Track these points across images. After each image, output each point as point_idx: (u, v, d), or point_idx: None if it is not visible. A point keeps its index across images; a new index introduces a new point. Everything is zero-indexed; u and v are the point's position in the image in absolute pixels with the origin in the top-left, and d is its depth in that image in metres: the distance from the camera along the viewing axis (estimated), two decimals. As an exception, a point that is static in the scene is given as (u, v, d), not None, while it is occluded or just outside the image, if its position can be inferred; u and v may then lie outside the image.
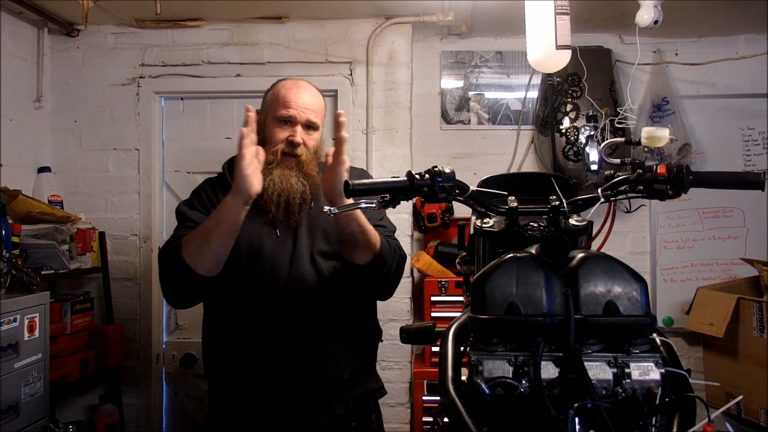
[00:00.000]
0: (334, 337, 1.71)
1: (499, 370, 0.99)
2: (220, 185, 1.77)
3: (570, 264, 1.05)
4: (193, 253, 1.54)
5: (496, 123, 3.31)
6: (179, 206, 1.76)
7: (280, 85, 1.77)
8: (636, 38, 2.65)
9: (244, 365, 1.68)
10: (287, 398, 1.65)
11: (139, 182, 3.12)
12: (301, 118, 1.71)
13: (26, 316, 2.25)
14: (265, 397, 1.65)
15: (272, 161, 1.68)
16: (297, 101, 1.72)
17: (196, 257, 1.54)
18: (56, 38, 3.16)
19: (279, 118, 1.71)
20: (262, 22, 3.10)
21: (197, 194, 1.78)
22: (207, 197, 1.75)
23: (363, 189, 1.21)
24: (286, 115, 1.70)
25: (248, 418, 1.67)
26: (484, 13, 2.98)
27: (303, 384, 1.66)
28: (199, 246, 1.54)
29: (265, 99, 1.80)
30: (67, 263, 2.64)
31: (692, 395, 1.01)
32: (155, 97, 3.15)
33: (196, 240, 1.55)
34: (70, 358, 2.67)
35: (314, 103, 1.75)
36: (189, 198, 1.80)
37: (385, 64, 3.11)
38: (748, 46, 3.23)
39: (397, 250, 1.73)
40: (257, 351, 1.67)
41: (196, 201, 1.75)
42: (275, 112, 1.72)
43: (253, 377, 1.67)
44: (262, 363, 1.66)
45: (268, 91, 1.81)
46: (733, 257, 3.18)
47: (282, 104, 1.71)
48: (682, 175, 1.24)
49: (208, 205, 1.72)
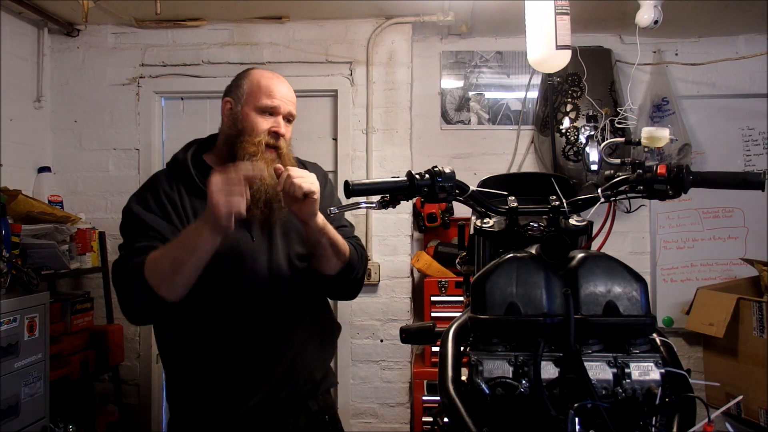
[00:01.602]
0: (313, 341, 1.68)
1: (499, 370, 0.99)
2: (181, 180, 1.61)
3: (570, 264, 1.05)
4: (160, 282, 1.40)
5: (496, 123, 3.31)
6: (132, 205, 1.57)
7: (258, 73, 1.67)
8: (636, 38, 2.65)
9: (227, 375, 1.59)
10: (274, 405, 1.61)
11: (139, 182, 3.12)
12: (284, 110, 1.63)
13: (26, 316, 2.25)
14: (252, 405, 1.59)
15: (255, 152, 1.56)
16: (280, 92, 1.63)
17: (165, 286, 1.40)
18: (56, 38, 3.16)
19: (262, 107, 1.61)
20: (262, 22, 3.10)
21: (154, 192, 1.59)
22: (166, 196, 1.57)
23: (363, 189, 1.21)
24: (270, 105, 1.61)
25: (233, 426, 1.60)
26: (484, 13, 2.98)
27: (290, 390, 1.62)
28: (170, 275, 1.40)
29: (239, 87, 1.66)
30: (67, 263, 2.64)
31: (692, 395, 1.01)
32: (155, 97, 3.15)
33: (165, 268, 1.40)
34: (70, 358, 2.67)
35: (293, 96, 1.68)
36: (142, 195, 1.59)
37: (385, 64, 3.11)
38: (748, 46, 3.23)
39: (362, 252, 1.70)
40: (241, 360, 1.59)
41: (152, 201, 1.57)
42: (257, 101, 1.61)
43: (239, 386, 1.59)
44: (247, 371, 1.59)
45: (240, 79, 1.68)
46: (733, 257, 3.18)
47: (265, 94, 1.62)
48: (682, 175, 1.24)
49: (168, 208, 1.55)
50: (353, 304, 3.03)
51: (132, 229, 1.54)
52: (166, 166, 1.69)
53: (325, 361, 1.75)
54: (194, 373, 1.63)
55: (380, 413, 3.07)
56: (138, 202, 1.58)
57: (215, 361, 1.61)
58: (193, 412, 1.64)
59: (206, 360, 1.62)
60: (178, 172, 1.63)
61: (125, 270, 1.46)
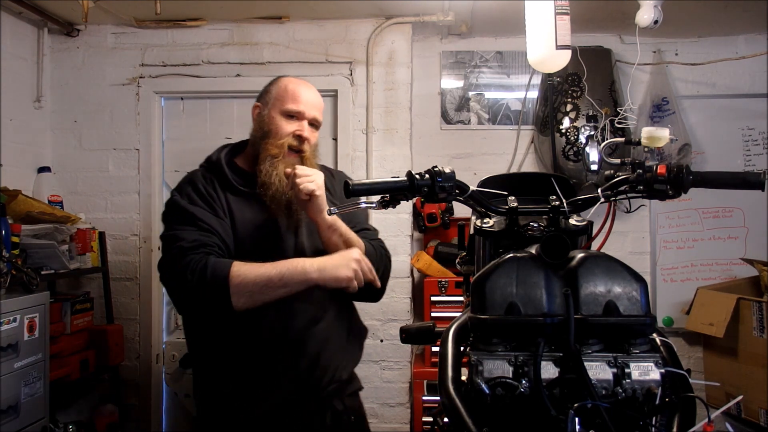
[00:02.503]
0: (337, 339, 1.72)
1: (499, 370, 0.99)
2: (216, 176, 1.70)
3: (570, 264, 1.05)
4: (244, 296, 1.50)
5: (496, 123, 3.31)
6: (176, 199, 1.66)
7: (287, 80, 1.77)
8: (636, 38, 2.65)
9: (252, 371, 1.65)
10: (297, 401, 1.66)
11: (139, 182, 3.12)
12: (308, 115, 1.72)
13: (26, 316, 2.25)
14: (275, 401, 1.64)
15: (278, 154, 1.66)
16: (305, 97, 1.72)
17: (245, 300, 1.51)
18: (56, 38, 3.16)
19: (287, 111, 1.70)
20: (262, 22, 3.11)
21: (194, 186, 1.68)
22: (207, 192, 1.66)
23: (363, 189, 1.21)
24: (295, 109, 1.70)
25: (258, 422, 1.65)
26: (484, 13, 2.98)
27: (313, 387, 1.66)
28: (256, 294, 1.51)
29: (268, 92, 1.77)
30: (67, 263, 2.64)
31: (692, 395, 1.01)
32: (155, 97, 3.15)
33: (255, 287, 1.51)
34: (70, 358, 2.67)
35: (319, 103, 1.77)
36: (184, 189, 1.69)
37: (385, 64, 3.11)
38: (748, 46, 3.23)
39: (383, 254, 1.74)
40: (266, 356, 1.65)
41: (195, 195, 1.66)
42: (283, 105, 1.71)
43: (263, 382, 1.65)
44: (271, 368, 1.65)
45: (270, 85, 1.78)
46: (733, 257, 3.18)
47: (291, 98, 1.71)
48: (682, 175, 1.24)
49: (210, 201, 1.65)
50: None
51: (180, 220, 1.62)
52: (201, 166, 1.79)
53: (350, 362, 1.77)
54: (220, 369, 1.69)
55: (380, 413, 3.07)
56: (181, 196, 1.67)
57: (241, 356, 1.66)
58: (220, 407, 1.69)
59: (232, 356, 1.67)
60: (212, 170, 1.73)
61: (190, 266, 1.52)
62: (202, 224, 1.60)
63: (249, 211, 1.66)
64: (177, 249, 1.56)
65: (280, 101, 1.72)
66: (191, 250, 1.54)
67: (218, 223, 1.62)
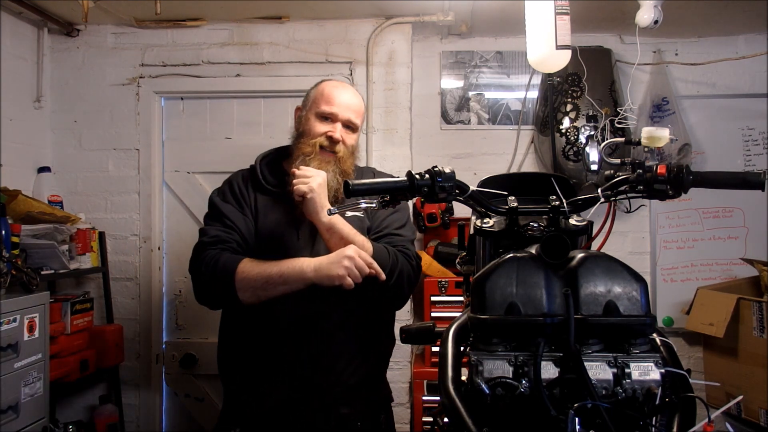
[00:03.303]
0: (343, 341, 1.72)
1: (499, 370, 0.99)
2: (252, 182, 1.80)
3: (570, 264, 1.05)
4: (247, 290, 1.60)
5: (496, 123, 3.31)
6: (213, 196, 1.80)
7: (326, 83, 1.82)
8: (636, 38, 2.65)
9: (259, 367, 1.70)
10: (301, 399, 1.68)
11: (139, 182, 3.12)
12: (342, 117, 1.75)
13: (26, 316, 2.25)
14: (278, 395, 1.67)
15: (309, 153, 1.71)
16: (340, 99, 1.76)
17: (249, 294, 1.60)
18: (56, 38, 3.16)
19: (321, 113, 1.75)
20: (262, 22, 3.10)
21: (231, 186, 1.81)
22: (240, 191, 1.78)
23: (363, 189, 1.21)
24: (328, 111, 1.74)
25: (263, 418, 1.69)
26: (484, 13, 2.97)
27: (313, 385, 1.68)
28: (258, 290, 1.60)
29: (308, 96, 1.84)
30: (67, 263, 2.64)
31: (692, 395, 1.01)
32: (155, 97, 3.15)
33: (256, 283, 1.59)
34: (70, 358, 2.67)
35: (356, 104, 1.79)
36: (222, 188, 1.83)
37: (385, 64, 3.11)
38: (748, 46, 3.23)
39: (401, 259, 1.71)
40: (270, 352, 1.69)
41: (229, 193, 1.78)
42: (317, 107, 1.76)
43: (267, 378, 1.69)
44: (274, 364, 1.68)
45: (311, 89, 1.85)
46: (733, 257, 3.18)
47: (325, 101, 1.76)
48: (682, 175, 1.24)
49: (241, 200, 1.75)
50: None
51: (210, 216, 1.77)
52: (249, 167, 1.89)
53: (361, 367, 1.75)
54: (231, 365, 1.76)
55: (380, 413, 3.07)
56: (218, 194, 1.81)
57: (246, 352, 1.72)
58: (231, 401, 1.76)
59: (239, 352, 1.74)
60: (252, 172, 1.84)
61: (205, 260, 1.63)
62: (227, 221, 1.70)
63: (276, 211, 1.73)
64: (200, 243, 1.68)
65: (316, 103, 1.77)
66: (210, 245, 1.66)
67: (243, 220, 1.71)
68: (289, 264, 1.60)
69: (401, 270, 1.70)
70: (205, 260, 1.63)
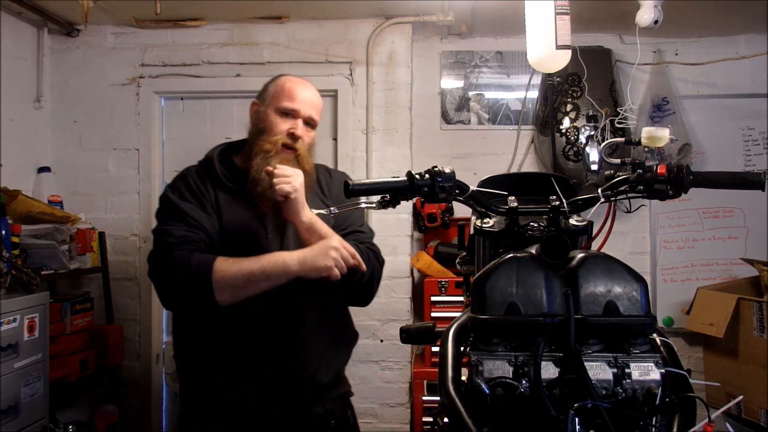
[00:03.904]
0: (318, 341, 1.70)
1: (499, 370, 0.99)
2: (208, 177, 1.70)
3: (570, 264, 1.05)
4: (226, 291, 1.51)
5: (496, 123, 3.31)
6: (168, 194, 1.68)
7: (285, 78, 1.76)
8: (636, 38, 2.65)
9: (228, 368, 1.65)
10: (270, 401, 1.64)
11: (139, 182, 3.12)
12: (303, 113, 1.70)
13: (26, 316, 2.25)
14: (249, 399, 1.63)
15: (270, 150, 1.64)
16: (302, 95, 1.71)
17: (228, 295, 1.52)
18: (56, 38, 3.16)
19: (282, 109, 1.69)
20: (262, 22, 3.10)
21: (186, 182, 1.69)
22: (197, 188, 1.67)
23: (363, 189, 1.21)
24: (290, 107, 1.69)
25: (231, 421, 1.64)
26: (484, 13, 2.98)
27: (288, 387, 1.65)
28: (239, 289, 1.52)
29: (266, 90, 1.76)
30: (67, 263, 2.64)
31: (692, 395, 1.01)
32: (155, 97, 3.15)
33: (237, 282, 1.51)
34: (70, 358, 2.67)
35: (317, 102, 1.75)
36: (175, 185, 1.70)
37: (385, 64, 3.11)
38: (748, 46, 3.23)
39: (371, 257, 1.70)
40: (242, 355, 1.64)
41: (186, 190, 1.67)
42: (278, 102, 1.70)
43: (238, 379, 1.64)
44: (246, 365, 1.64)
45: (269, 83, 1.78)
46: (733, 257, 3.18)
47: (287, 96, 1.70)
48: (682, 175, 1.24)
49: (200, 197, 1.65)
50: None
51: (169, 215, 1.64)
52: (198, 162, 1.78)
53: (332, 365, 1.74)
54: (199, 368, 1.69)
55: (380, 413, 3.07)
56: (173, 192, 1.68)
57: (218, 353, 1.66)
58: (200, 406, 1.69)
59: (210, 353, 1.67)
60: (206, 167, 1.74)
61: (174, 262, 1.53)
62: (190, 220, 1.60)
63: (237, 208, 1.66)
64: (164, 245, 1.58)
65: (277, 99, 1.71)
66: (177, 246, 1.56)
67: (206, 218, 1.62)
68: (270, 258, 1.54)
69: (373, 267, 1.70)
70: (174, 261, 1.53)
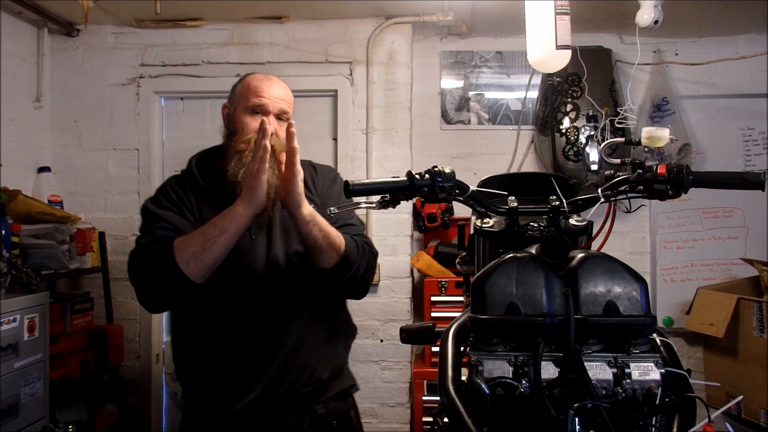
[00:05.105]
0: (314, 339, 1.68)
1: (499, 370, 0.99)
2: (188, 184, 1.70)
3: (570, 264, 1.04)
4: (189, 259, 1.48)
5: (496, 123, 3.31)
6: (146, 205, 1.67)
7: (251, 77, 1.72)
8: (636, 38, 2.65)
9: (224, 371, 1.63)
10: (270, 403, 1.62)
11: (139, 182, 3.12)
12: (273, 108, 1.66)
13: (26, 316, 2.25)
14: (247, 402, 1.61)
15: (245, 150, 1.61)
16: (269, 91, 1.67)
17: (193, 263, 1.48)
18: (56, 38, 3.16)
19: (250, 107, 1.65)
20: (261, 22, 3.10)
21: (164, 193, 1.69)
22: (177, 196, 1.66)
23: (363, 189, 1.20)
24: (258, 103, 1.65)
25: (230, 424, 1.62)
26: (484, 13, 2.98)
27: (286, 388, 1.63)
28: (199, 252, 1.48)
29: (233, 92, 1.74)
30: (67, 263, 2.64)
31: (692, 395, 1.01)
32: (155, 97, 3.15)
33: (195, 246, 1.49)
34: (70, 358, 2.67)
35: (286, 95, 1.71)
36: (155, 196, 1.70)
37: (385, 64, 3.11)
38: (748, 46, 3.23)
39: (366, 249, 1.68)
40: (237, 356, 1.62)
41: (164, 200, 1.66)
42: (246, 101, 1.66)
43: (235, 383, 1.62)
44: (243, 368, 1.62)
45: (236, 85, 1.75)
46: (733, 257, 3.18)
47: (254, 94, 1.66)
48: (682, 175, 1.24)
49: (180, 205, 1.65)
50: (353, 304, 3.00)
51: (148, 223, 1.64)
52: (181, 171, 1.77)
53: (331, 361, 1.72)
54: (197, 370, 1.67)
55: (380, 413, 3.08)
56: (152, 203, 1.67)
57: (213, 357, 1.64)
58: (198, 409, 1.68)
59: (206, 357, 1.65)
60: (187, 177, 1.73)
61: (147, 254, 1.53)
62: (166, 224, 1.59)
63: (219, 211, 1.60)
64: (137, 246, 1.59)
65: (244, 98, 1.68)
66: (146, 245, 1.56)
67: (183, 223, 1.61)
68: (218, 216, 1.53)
69: (368, 261, 1.68)
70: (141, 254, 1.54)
